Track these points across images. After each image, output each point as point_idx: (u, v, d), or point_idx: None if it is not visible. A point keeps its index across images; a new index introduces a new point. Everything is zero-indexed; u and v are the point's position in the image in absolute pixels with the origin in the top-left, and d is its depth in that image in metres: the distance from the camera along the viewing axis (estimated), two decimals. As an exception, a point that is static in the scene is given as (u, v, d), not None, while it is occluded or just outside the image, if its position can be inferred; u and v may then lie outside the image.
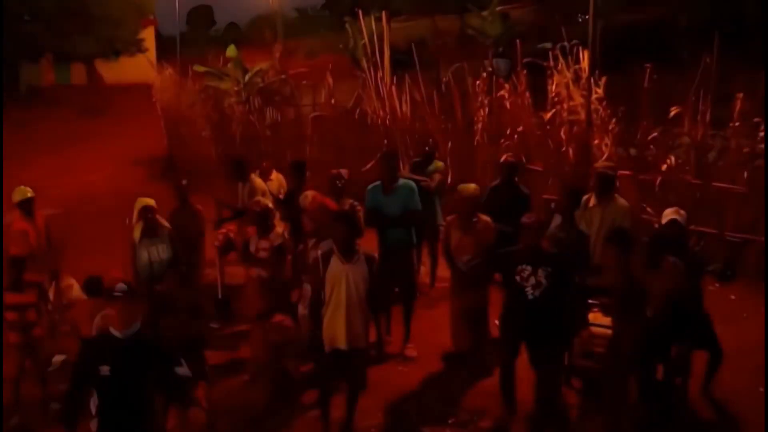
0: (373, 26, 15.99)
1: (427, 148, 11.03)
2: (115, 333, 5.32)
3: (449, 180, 12.18)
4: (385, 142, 15.05)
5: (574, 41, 13.29)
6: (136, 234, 9.09)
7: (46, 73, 38.68)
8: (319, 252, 7.28)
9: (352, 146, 15.83)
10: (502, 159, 9.95)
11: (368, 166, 15.06)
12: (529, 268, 6.94)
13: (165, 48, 37.88)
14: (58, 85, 38.14)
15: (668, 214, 7.58)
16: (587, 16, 12.86)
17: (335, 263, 6.97)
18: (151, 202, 9.13)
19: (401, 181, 8.94)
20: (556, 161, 12.99)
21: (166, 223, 9.27)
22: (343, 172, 9.77)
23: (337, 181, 9.38)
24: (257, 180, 10.90)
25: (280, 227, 8.69)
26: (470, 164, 13.92)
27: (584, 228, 8.28)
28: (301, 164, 10.60)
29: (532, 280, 6.90)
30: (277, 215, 9.49)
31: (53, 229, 10.64)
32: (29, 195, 10.07)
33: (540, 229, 7.21)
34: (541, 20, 40.77)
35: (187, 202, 10.23)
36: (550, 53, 12.93)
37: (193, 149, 19.59)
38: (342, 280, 6.93)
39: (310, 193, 9.00)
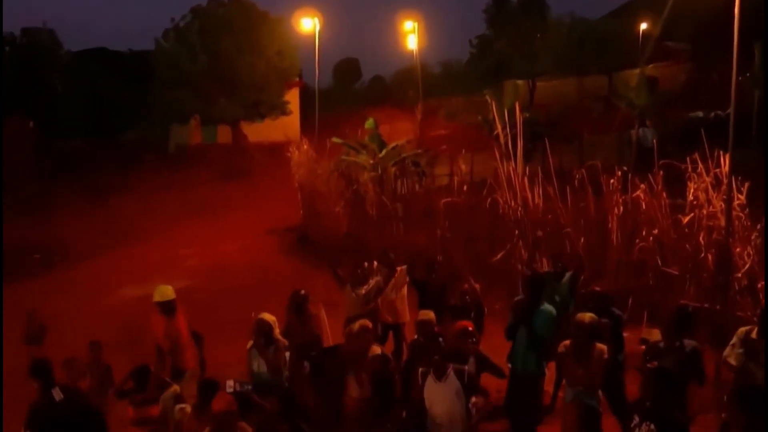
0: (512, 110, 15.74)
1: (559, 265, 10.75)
2: None
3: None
4: (516, 233, 14.81)
5: (729, 111, 12.49)
6: (249, 344, 9.25)
7: (194, 134, 40.49)
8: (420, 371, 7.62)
9: (482, 234, 15.68)
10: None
11: (498, 256, 14.91)
12: (637, 418, 6.61)
13: (311, 102, 38.85)
14: (205, 145, 39.78)
15: None
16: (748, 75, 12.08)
17: (430, 382, 7.44)
18: (269, 318, 9.21)
19: (543, 305, 8.69)
20: (693, 267, 12.36)
21: (281, 338, 9.32)
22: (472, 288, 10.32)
23: (467, 297, 10.29)
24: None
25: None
26: (602, 263, 13.47)
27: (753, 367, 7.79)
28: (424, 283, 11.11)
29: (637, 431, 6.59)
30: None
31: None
32: (170, 297, 9.77)
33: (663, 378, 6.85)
34: (696, 80, 39.28)
35: (302, 312, 10.01)
36: (688, 158, 12.33)
37: (325, 224, 19.90)
38: (436, 397, 7.40)
39: (427, 313, 8.99)
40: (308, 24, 26.49)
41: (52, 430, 7.24)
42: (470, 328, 8.65)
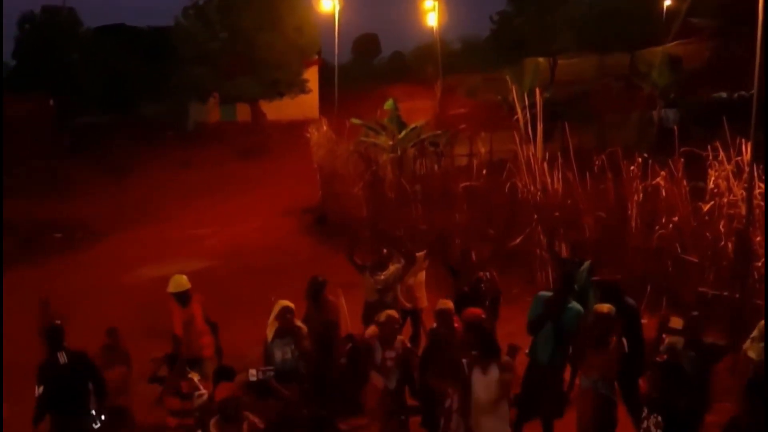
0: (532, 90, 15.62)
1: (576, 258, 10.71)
2: None
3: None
4: (535, 217, 14.76)
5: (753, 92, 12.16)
6: (270, 333, 9.25)
7: (213, 112, 40.33)
8: (464, 361, 7.65)
9: (501, 218, 15.64)
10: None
11: (516, 241, 14.89)
12: (646, 410, 6.76)
13: (330, 79, 38.47)
14: (223, 122, 39.68)
15: None
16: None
17: (476, 373, 7.55)
18: (290, 305, 9.23)
19: (572, 303, 8.62)
20: (713, 254, 12.28)
21: (302, 325, 9.34)
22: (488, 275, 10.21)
23: (482, 285, 10.14)
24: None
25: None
26: (622, 249, 13.41)
27: None
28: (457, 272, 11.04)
29: (645, 423, 6.69)
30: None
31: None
32: (185, 287, 9.77)
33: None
34: (720, 58, 38.48)
35: (320, 298, 10.10)
36: (709, 146, 12.21)
37: (344, 205, 19.94)
38: (478, 384, 7.51)
39: (446, 302, 9.02)
40: (328, 4, 26.47)
41: (55, 389, 7.93)
42: (482, 316, 8.67)
